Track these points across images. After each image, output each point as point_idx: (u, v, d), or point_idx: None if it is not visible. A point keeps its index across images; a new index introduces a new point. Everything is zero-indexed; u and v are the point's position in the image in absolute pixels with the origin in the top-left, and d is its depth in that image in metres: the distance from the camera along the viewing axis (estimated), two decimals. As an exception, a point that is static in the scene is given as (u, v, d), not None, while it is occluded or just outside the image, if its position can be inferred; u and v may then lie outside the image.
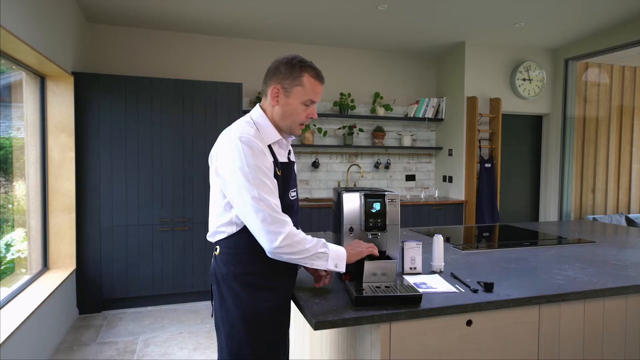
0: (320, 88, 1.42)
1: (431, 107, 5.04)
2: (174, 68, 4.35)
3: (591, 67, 5.13)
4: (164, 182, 3.70)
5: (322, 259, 1.33)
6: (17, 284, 2.88)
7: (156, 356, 2.83)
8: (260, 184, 1.29)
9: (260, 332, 1.39)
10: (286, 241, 1.27)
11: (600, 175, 5.23)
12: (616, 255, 2.06)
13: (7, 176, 3.03)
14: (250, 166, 1.29)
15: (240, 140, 1.31)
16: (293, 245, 1.29)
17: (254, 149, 1.31)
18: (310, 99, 1.40)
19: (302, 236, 1.32)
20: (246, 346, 1.38)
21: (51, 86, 3.30)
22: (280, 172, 1.40)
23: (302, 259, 1.32)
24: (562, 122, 4.95)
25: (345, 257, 1.36)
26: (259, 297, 1.39)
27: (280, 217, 1.29)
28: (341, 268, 1.36)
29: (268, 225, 1.27)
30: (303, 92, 1.38)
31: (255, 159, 1.30)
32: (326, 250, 1.34)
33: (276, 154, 1.42)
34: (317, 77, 1.41)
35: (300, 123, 1.43)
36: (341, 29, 4.31)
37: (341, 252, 1.37)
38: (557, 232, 2.75)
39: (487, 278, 1.62)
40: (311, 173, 4.87)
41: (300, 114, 1.41)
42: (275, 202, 1.30)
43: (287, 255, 1.30)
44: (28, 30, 2.45)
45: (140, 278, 3.67)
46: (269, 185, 1.31)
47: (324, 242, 1.35)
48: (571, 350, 1.53)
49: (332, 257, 1.34)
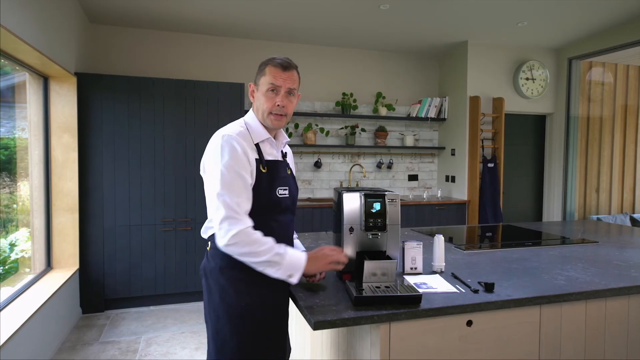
0: (281, 73, 1.42)
1: (434, 106, 5.02)
2: (176, 68, 4.36)
3: (595, 66, 5.10)
4: (166, 182, 3.71)
5: (274, 267, 1.31)
6: (20, 283, 2.90)
7: (158, 356, 2.84)
8: (227, 183, 1.32)
9: (245, 327, 1.39)
10: (235, 239, 1.28)
11: (604, 174, 5.20)
12: (619, 256, 2.05)
13: (12, 176, 3.05)
14: (224, 164, 1.33)
15: (222, 139, 1.37)
16: (242, 245, 1.29)
17: (233, 148, 1.35)
18: (272, 84, 1.42)
19: (256, 238, 1.31)
20: (230, 340, 1.39)
21: (54, 87, 3.32)
22: (265, 169, 1.42)
23: (253, 263, 1.32)
24: (565, 121, 4.92)
25: (302, 268, 1.34)
26: (244, 292, 1.40)
27: (236, 216, 1.30)
28: (294, 279, 1.34)
29: (222, 222, 1.30)
30: (265, 80, 1.43)
31: (231, 157, 1.34)
32: (279, 259, 1.31)
33: (263, 152, 1.45)
34: (279, 65, 1.42)
35: (270, 112, 1.44)
36: (343, 29, 4.31)
37: (298, 263, 1.34)
38: (560, 232, 2.74)
39: (488, 278, 1.61)
40: (313, 173, 4.87)
41: (266, 103, 1.43)
42: (237, 201, 1.31)
43: (237, 254, 1.32)
44: (31, 31, 2.46)
45: (142, 278, 3.68)
46: (239, 184, 1.33)
47: (282, 252, 1.33)
48: (572, 351, 1.53)
49: (286, 267, 1.32)
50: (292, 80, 1.45)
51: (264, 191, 1.41)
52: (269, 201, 1.42)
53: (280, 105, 1.43)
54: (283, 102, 1.43)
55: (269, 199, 1.42)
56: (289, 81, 1.44)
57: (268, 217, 1.44)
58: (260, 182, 1.40)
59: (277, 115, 1.44)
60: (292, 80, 1.44)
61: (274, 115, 1.44)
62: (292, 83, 1.45)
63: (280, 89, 1.43)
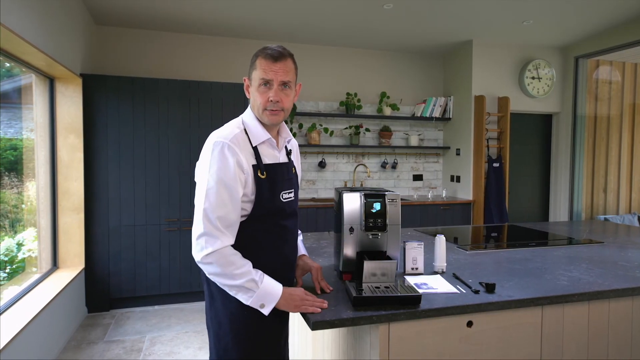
0: (272, 65, 1.30)
1: (438, 106, 5.00)
2: (180, 69, 4.39)
3: (602, 64, 5.04)
4: (170, 182, 3.73)
5: (246, 294, 1.26)
6: (27, 282, 2.94)
7: (162, 355, 2.86)
8: (212, 195, 1.25)
9: (248, 334, 1.35)
10: (209, 259, 1.23)
11: (612, 174, 5.14)
12: (624, 256, 2.02)
13: (20, 177, 3.08)
14: (212, 174, 1.26)
15: (213, 145, 1.28)
16: (216, 265, 1.23)
17: (223, 156, 1.26)
18: (263, 78, 1.31)
19: (232, 260, 1.24)
20: (232, 348, 1.35)
21: (60, 88, 3.35)
22: (264, 175, 1.33)
23: (225, 285, 1.27)
24: (572, 120, 4.87)
25: (276, 300, 1.27)
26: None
27: (214, 233, 1.24)
28: (266, 310, 1.27)
29: (199, 238, 1.25)
30: (256, 75, 1.33)
31: (219, 167, 1.26)
32: (253, 286, 1.25)
33: (262, 155, 1.35)
34: (269, 56, 1.31)
35: (265, 109, 1.33)
36: (347, 29, 4.30)
37: (273, 293, 1.27)
38: (566, 233, 2.71)
39: (490, 279, 1.60)
40: (318, 173, 4.87)
41: (259, 98, 1.33)
42: (220, 215, 1.24)
43: (209, 274, 1.27)
44: (37, 34, 2.49)
45: (147, 277, 3.70)
46: (224, 196, 1.25)
47: (257, 279, 1.26)
48: (575, 353, 1.51)
49: (260, 296, 1.26)
50: (285, 71, 1.31)
51: (266, 197, 1.33)
52: (273, 207, 1.35)
53: (274, 101, 1.31)
54: (277, 96, 1.31)
55: (273, 205, 1.35)
56: (281, 73, 1.31)
57: (272, 223, 1.37)
58: (260, 188, 1.31)
59: (273, 111, 1.33)
60: (284, 71, 1.31)
61: (269, 111, 1.33)
62: (285, 75, 1.31)
63: (272, 82, 1.31)
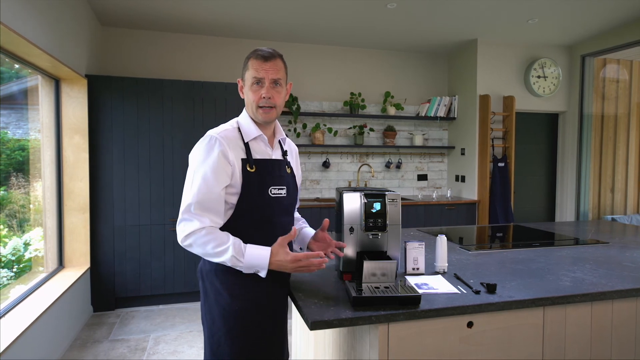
0: (263, 65, 1.38)
1: (443, 105, 4.98)
2: (184, 69, 4.41)
3: (609, 63, 4.98)
4: (175, 182, 3.75)
5: (236, 267, 1.33)
6: (34, 281, 2.97)
7: (166, 354, 2.87)
8: (194, 183, 1.34)
9: (239, 330, 1.38)
10: (187, 241, 1.33)
11: (619, 174, 5.08)
12: (629, 257, 2.00)
13: (27, 177, 3.12)
14: (196, 164, 1.36)
15: (204, 139, 1.39)
16: (195, 246, 1.33)
17: (210, 147, 1.36)
18: (255, 77, 1.39)
19: (207, 240, 1.30)
20: (224, 343, 1.39)
21: (65, 89, 3.38)
22: (253, 169, 1.40)
23: (217, 262, 1.35)
24: (579, 119, 4.82)
25: (265, 268, 1.33)
26: (238, 295, 1.38)
27: (191, 217, 1.32)
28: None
29: (179, 223, 1.35)
30: (249, 74, 1.41)
31: (204, 158, 1.35)
32: (237, 262, 1.31)
33: (252, 150, 1.43)
34: (260, 56, 1.39)
35: (259, 106, 1.41)
36: (350, 29, 4.29)
37: (260, 264, 1.32)
38: (572, 233, 2.68)
39: (492, 279, 1.59)
40: (322, 173, 4.87)
41: (252, 96, 1.41)
42: (198, 201, 1.31)
43: (194, 252, 1.36)
44: (42, 35, 2.52)
45: (152, 277, 3.73)
46: (203, 184, 1.32)
47: (237, 256, 1.30)
48: (577, 354, 1.49)
49: (247, 268, 1.33)
50: (276, 70, 1.39)
51: (254, 191, 1.39)
52: (262, 201, 1.40)
53: (266, 97, 1.39)
54: (269, 93, 1.39)
55: (261, 199, 1.40)
56: (272, 71, 1.39)
57: (263, 218, 1.41)
58: (248, 181, 1.38)
59: (265, 107, 1.41)
60: (275, 70, 1.39)
61: (262, 108, 1.41)
62: (276, 73, 1.39)
63: (264, 80, 1.39)
